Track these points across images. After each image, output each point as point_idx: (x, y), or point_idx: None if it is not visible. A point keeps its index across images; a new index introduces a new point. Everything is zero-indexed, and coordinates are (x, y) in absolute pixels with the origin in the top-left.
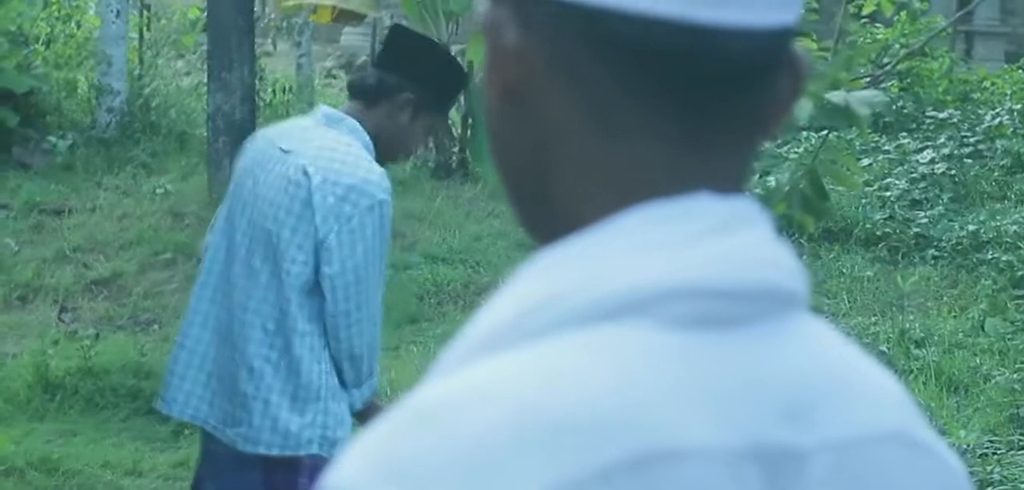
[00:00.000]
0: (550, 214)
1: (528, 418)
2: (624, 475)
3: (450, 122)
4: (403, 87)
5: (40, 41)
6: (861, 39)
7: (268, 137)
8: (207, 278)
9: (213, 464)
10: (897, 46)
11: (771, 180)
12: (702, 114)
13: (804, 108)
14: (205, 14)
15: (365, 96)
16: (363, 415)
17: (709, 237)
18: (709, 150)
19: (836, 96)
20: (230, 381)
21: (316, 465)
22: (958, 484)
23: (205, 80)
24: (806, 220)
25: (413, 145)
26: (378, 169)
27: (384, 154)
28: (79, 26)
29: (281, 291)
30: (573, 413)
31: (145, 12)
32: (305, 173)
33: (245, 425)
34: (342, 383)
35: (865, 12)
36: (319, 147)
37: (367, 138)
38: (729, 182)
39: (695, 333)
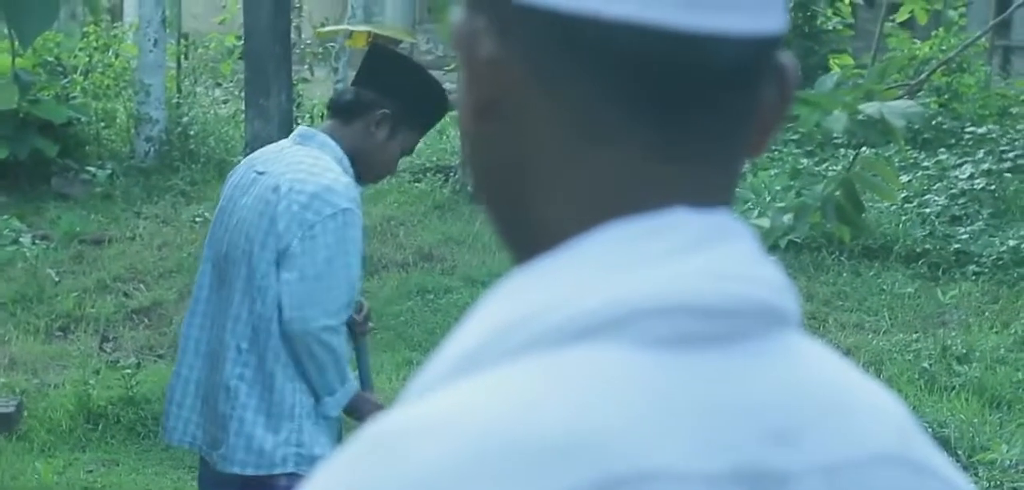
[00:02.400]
0: (528, 232)
1: (488, 444)
2: None
3: None
4: (380, 104)
5: (78, 71)
6: (898, 51)
7: (248, 162)
8: (195, 306)
9: (203, 488)
10: (933, 62)
11: (808, 199)
12: (684, 124)
13: (838, 120)
14: (242, 42)
15: (342, 113)
16: (352, 411)
17: (686, 252)
18: (691, 161)
19: (871, 107)
20: (213, 402)
21: (292, 484)
22: None
23: (243, 107)
24: (842, 231)
25: (391, 163)
26: (344, 179)
27: (363, 173)
28: (117, 56)
29: (254, 308)
30: (538, 437)
31: (182, 41)
32: (274, 189)
33: (223, 445)
34: (315, 394)
35: (898, 19)
36: (288, 164)
37: (339, 153)
38: (712, 194)
39: (672, 353)
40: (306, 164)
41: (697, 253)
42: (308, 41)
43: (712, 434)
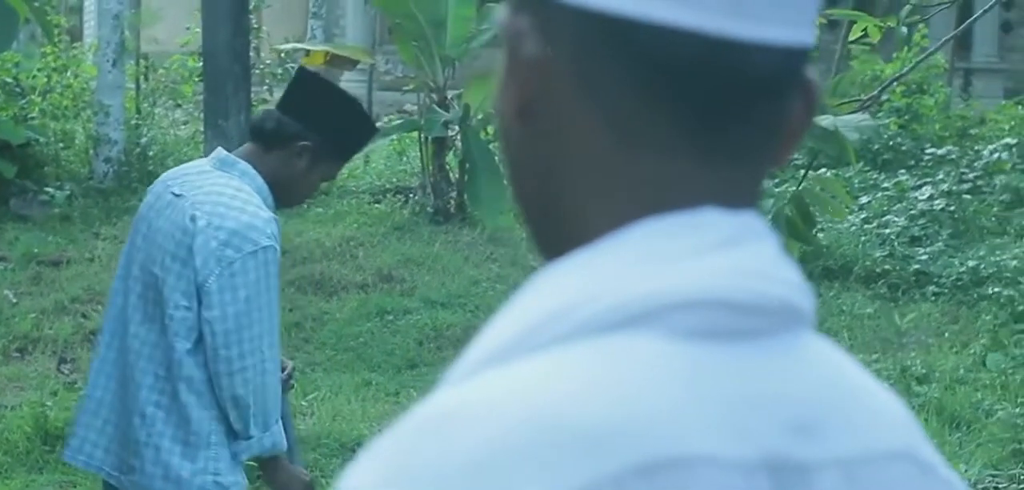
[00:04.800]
0: (563, 230)
1: (537, 426)
2: (635, 481)
3: (447, 167)
4: (302, 135)
5: (36, 92)
6: (857, 65)
7: (165, 180)
8: (106, 323)
9: None
10: (893, 83)
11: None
12: (717, 128)
13: None
14: (202, 63)
15: (263, 140)
16: (267, 469)
17: (718, 250)
18: (722, 164)
19: (824, 120)
20: (125, 427)
21: None
22: None
23: (202, 128)
24: (792, 245)
25: (311, 191)
26: (265, 214)
27: (282, 199)
28: (76, 76)
29: (166, 338)
30: (583, 421)
31: (142, 61)
32: (192, 219)
33: (138, 472)
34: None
35: (852, 36)
36: (207, 192)
37: (260, 182)
38: (740, 197)
39: (704, 344)
40: (226, 196)
41: (727, 251)
42: (268, 62)
43: (740, 423)
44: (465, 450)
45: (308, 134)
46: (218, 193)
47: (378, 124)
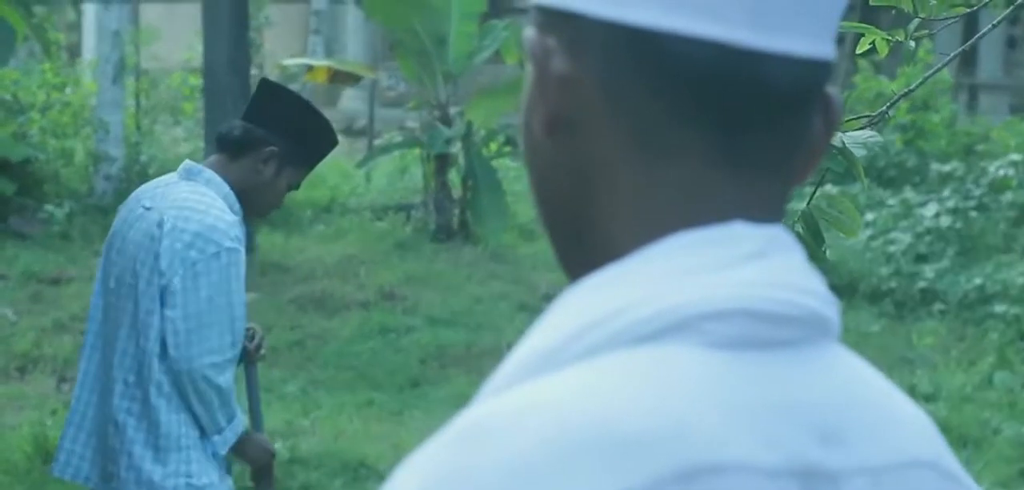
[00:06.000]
0: (590, 244)
1: (577, 434)
2: (672, 489)
3: (450, 184)
4: (268, 141)
5: (36, 109)
6: (860, 82)
7: (137, 196)
8: (87, 338)
9: None
10: (900, 99)
11: None
12: (744, 141)
13: None
14: (202, 79)
15: (229, 149)
16: (239, 449)
17: (748, 262)
18: (746, 176)
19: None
20: (103, 436)
21: None
22: None
23: (202, 146)
24: None
25: (278, 199)
26: (228, 217)
27: (250, 208)
28: (75, 93)
29: (139, 343)
30: (621, 428)
31: (143, 78)
32: (159, 224)
33: (115, 479)
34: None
35: (859, 50)
36: (173, 199)
37: (226, 189)
38: (765, 210)
39: (736, 354)
40: (191, 201)
41: (757, 263)
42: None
43: (771, 431)
44: (503, 460)
45: (274, 139)
46: (183, 199)
47: (378, 141)
